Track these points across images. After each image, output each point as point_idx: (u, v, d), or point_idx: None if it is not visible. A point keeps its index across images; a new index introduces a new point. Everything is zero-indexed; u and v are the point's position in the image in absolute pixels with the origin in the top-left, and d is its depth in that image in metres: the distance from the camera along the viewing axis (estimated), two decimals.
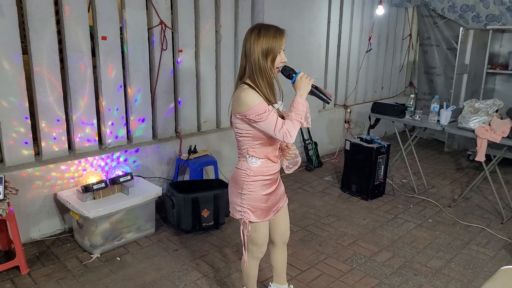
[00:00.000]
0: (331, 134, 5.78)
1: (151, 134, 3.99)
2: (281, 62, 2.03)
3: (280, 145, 2.20)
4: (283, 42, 1.99)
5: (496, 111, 3.82)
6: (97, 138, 3.63)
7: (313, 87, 2.06)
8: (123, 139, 3.79)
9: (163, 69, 3.90)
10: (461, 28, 5.15)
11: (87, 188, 3.14)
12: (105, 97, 3.60)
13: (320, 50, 5.33)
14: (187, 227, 3.43)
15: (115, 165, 3.60)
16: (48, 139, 3.35)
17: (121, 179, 3.31)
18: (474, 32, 5.21)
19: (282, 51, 2.01)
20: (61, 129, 3.40)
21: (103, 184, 3.22)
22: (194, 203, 3.38)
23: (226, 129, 4.46)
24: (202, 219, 3.44)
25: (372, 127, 4.71)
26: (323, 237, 3.49)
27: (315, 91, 2.07)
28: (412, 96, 4.34)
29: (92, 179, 3.30)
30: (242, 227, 2.15)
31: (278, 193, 2.23)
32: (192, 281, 2.85)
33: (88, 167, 3.49)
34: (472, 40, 5.22)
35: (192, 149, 3.94)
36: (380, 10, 5.76)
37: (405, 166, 4.71)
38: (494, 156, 4.02)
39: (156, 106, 3.96)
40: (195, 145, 4.00)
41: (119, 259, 3.10)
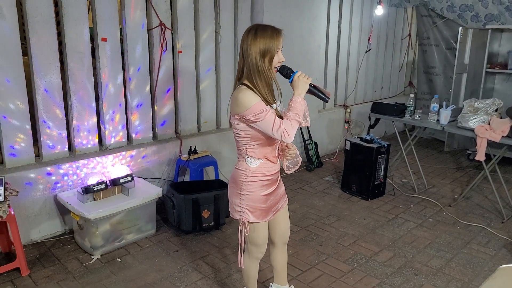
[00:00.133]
0: (331, 134, 5.78)
1: (151, 135, 3.99)
2: (279, 62, 2.02)
3: (280, 145, 2.20)
4: (280, 42, 1.99)
5: (496, 110, 3.82)
6: (97, 139, 3.63)
7: (311, 86, 2.05)
8: (123, 140, 3.80)
9: (163, 70, 3.90)
10: (460, 28, 5.16)
11: (88, 189, 3.14)
12: (105, 98, 3.60)
13: (320, 51, 5.33)
14: (188, 228, 3.44)
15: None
16: (48, 141, 3.35)
17: (122, 180, 3.31)
18: (473, 32, 5.22)
19: (280, 51, 2.01)
20: (61, 131, 3.40)
21: (104, 185, 3.22)
22: (195, 204, 3.38)
23: (226, 130, 4.46)
24: (203, 220, 3.44)
25: (372, 127, 4.71)
26: (324, 237, 3.49)
27: (313, 90, 2.07)
28: (412, 96, 4.35)
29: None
30: (241, 227, 2.15)
31: (278, 194, 2.23)
32: (193, 282, 2.85)
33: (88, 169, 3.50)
34: (471, 40, 5.23)
35: (192, 150, 3.94)
36: (379, 10, 5.77)
37: (405, 166, 4.71)
38: (494, 155, 4.02)
39: (156, 107, 3.96)
40: (195, 146, 4.00)
41: (120, 260, 3.10)
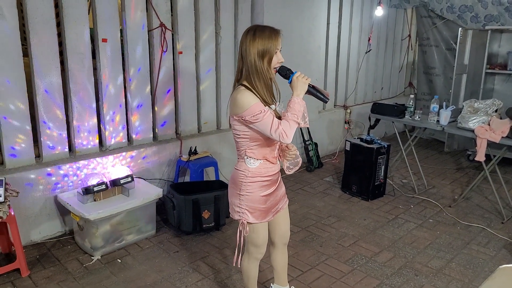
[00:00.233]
0: (331, 135, 5.78)
1: (152, 136, 3.99)
2: (278, 63, 2.02)
3: (281, 146, 2.20)
4: (279, 43, 1.99)
5: (496, 111, 3.82)
6: (98, 140, 3.63)
7: (310, 87, 2.05)
8: (124, 141, 3.80)
9: (163, 71, 3.90)
10: (460, 29, 5.16)
11: (88, 190, 3.14)
12: (106, 99, 3.60)
13: (320, 51, 5.33)
14: (188, 229, 3.43)
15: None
16: (49, 141, 3.35)
17: (122, 181, 3.31)
18: (473, 33, 5.22)
19: (279, 51, 2.00)
20: (62, 131, 3.40)
21: (104, 186, 3.22)
22: (195, 205, 3.38)
23: (226, 130, 4.46)
24: (203, 221, 3.44)
25: (372, 128, 4.72)
26: (324, 238, 3.49)
27: (312, 91, 2.06)
28: (412, 97, 4.35)
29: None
30: (240, 228, 2.15)
31: (278, 194, 2.23)
32: (193, 283, 2.85)
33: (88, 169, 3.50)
34: (471, 41, 5.23)
35: (193, 151, 3.94)
36: (379, 11, 5.78)
37: (405, 166, 4.71)
38: (494, 156, 4.02)
39: (157, 108, 3.96)
40: (196, 147, 4.00)
41: (120, 261, 3.10)
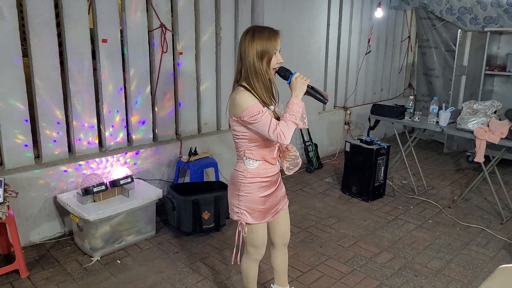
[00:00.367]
0: (331, 136, 5.78)
1: (152, 136, 3.99)
2: (277, 63, 2.02)
3: (280, 147, 2.20)
4: (278, 43, 1.99)
5: (495, 112, 3.83)
6: (97, 141, 3.63)
7: (309, 88, 2.04)
8: (124, 142, 3.79)
9: (164, 72, 3.90)
10: (459, 30, 5.17)
11: (87, 191, 3.14)
12: (106, 100, 3.60)
13: (320, 53, 5.34)
14: (188, 229, 3.43)
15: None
16: (48, 142, 3.35)
17: (122, 182, 3.31)
18: (472, 34, 5.23)
19: (278, 52, 2.00)
20: (61, 132, 3.40)
21: (103, 187, 3.22)
22: (195, 205, 3.38)
23: (227, 131, 4.46)
24: (203, 221, 3.44)
25: (372, 129, 4.72)
26: (324, 239, 3.49)
27: (311, 92, 2.06)
28: (411, 98, 4.36)
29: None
30: (239, 228, 2.16)
31: (278, 195, 2.23)
32: (193, 284, 2.85)
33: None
34: (470, 42, 5.24)
35: (193, 151, 3.94)
36: (379, 13, 5.79)
37: (405, 167, 4.72)
38: (493, 157, 4.03)
39: (157, 108, 3.96)
40: (196, 147, 4.00)
41: (120, 262, 3.09)
